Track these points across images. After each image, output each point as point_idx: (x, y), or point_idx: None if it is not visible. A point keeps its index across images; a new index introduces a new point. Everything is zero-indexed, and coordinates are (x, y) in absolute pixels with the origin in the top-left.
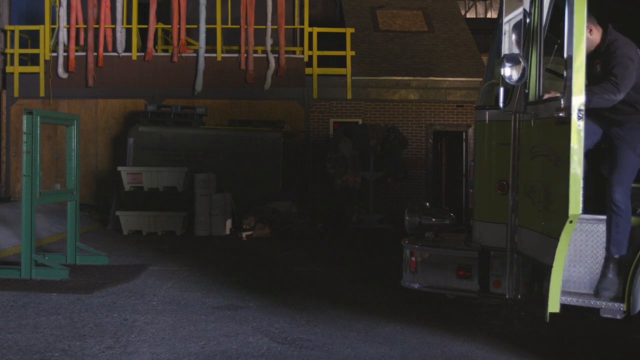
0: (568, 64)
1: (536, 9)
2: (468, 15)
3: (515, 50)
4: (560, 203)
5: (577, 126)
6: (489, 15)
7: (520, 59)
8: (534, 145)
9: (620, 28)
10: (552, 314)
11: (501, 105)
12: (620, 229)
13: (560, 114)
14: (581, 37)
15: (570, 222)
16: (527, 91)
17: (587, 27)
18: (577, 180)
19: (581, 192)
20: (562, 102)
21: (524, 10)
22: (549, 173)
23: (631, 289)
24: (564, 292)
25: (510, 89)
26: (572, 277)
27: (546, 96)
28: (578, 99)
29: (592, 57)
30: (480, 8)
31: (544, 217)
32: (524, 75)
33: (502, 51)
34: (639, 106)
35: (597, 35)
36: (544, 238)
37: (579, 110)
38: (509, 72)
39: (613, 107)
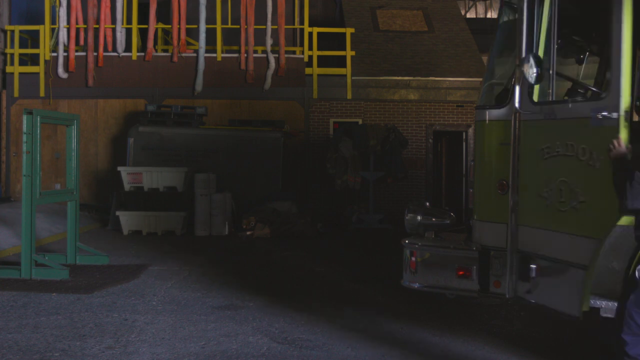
0: (614, 63)
1: (554, 8)
2: (468, 15)
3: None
4: (600, 204)
5: (625, 128)
6: (489, 15)
7: (541, 60)
8: (550, 145)
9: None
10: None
11: (517, 105)
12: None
13: (600, 115)
14: (628, 33)
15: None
16: (530, 91)
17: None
18: None
19: None
20: (603, 103)
21: (536, 9)
22: (580, 174)
23: None
24: None
25: (509, 89)
26: None
27: (570, 97)
28: (625, 100)
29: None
30: (480, 8)
31: (574, 218)
32: (543, 76)
33: (523, 50)
34: None
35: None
36: (575, 239)
37: (626, 112)
38: (532, 72)
39: None
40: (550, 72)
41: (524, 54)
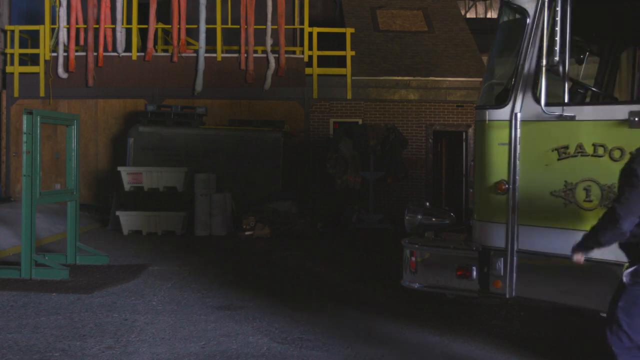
0: None
1: (566, 12)
2: (468, 15)
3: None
4: None
5: None
6: (489, 15)
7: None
8: (567, 146)
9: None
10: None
11: (520, 105)
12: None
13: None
14: None
15: None
16: (536, 92)
17: None
18: None
19: None
20: None
21: (555, 13)
22: (614, 174)
23: None
24: None
25: (509, 89)
26: None
27: (570, 97)
28: None
29: None
30: (480, 8)
31: None
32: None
33: (557, 52)
34: None
35: None
36: None
37: None
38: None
39: None
40: (563, 73)
41: (557, 56)
